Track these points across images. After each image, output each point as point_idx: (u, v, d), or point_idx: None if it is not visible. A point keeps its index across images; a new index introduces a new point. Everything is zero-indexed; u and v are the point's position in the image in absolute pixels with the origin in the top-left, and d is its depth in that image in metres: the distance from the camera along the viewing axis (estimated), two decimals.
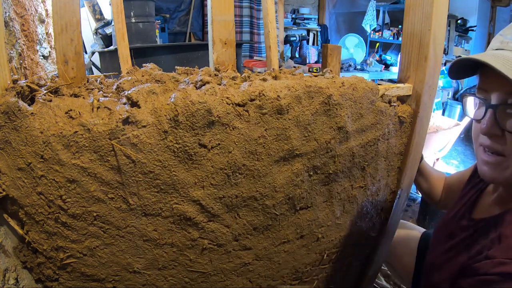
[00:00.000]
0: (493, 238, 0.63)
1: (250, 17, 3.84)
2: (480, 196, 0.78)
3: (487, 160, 0.63)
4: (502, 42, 0.62)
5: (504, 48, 0.61)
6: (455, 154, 3.70)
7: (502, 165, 0.61)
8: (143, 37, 2.13)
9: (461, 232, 0.74)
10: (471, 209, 0.78)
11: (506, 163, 0.61)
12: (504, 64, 0.56)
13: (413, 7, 0.76)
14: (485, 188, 0.78)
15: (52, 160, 0.54)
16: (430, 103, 0.80)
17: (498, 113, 0.60)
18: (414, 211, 2.07)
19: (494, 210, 0.70)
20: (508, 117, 0.59)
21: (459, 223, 0.77)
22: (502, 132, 0.60)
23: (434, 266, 0.77)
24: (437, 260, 0.78)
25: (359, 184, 0.82)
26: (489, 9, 5.27)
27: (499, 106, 0.59)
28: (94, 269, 0.64)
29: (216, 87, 0.59)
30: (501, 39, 0.63)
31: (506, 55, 0.58)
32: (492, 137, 0.62)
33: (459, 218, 0.79)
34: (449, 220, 0.83)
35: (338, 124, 0.69)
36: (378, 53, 4.37)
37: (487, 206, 0.74)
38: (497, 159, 0.62)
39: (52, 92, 0.59)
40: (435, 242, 0.85)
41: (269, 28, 0.76)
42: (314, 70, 2.95)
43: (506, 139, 0.59)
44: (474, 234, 0.70)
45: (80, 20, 0.63)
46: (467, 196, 0.82)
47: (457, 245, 0.73)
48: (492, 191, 0.75)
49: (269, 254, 0.77)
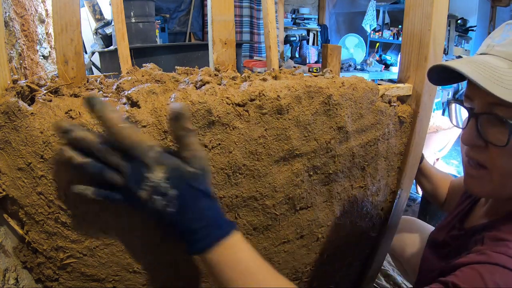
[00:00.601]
0: (476, 240, 0.61)
1: (250, 17, 3.84)
2: (473, 207, 0.78)
3: (471, 174, 0.61)
4: (488, 45, 0.59)
5: (488, 53, 0.57)
6: (455, 154, 3.70)
7: (485, 179, 0.58)
8: (143, 37, 2.13)
9: (452, 242, 0.74)
10: (463, 219, 0.77)
11: (488, 176, 0.58)
12: (482, 73, 0.52)
13: (413, 7, 0.76)
14: (479, 200, 0.78)
15: (52, 160, 0.54)
16: (430, 103, 0.80)
17: (480, 123, 0.56)
18: (414, 211, 2.07)
19: (484, 221, 0.70)
20: (490, 127, 0.55)
21: (449, 233, 0.77)
22: (486, 143, 0.56)
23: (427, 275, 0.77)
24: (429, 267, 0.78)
25: (359, 184, 0.82)
26: (489, 9, 5.27)
27: (480, 115, 0.56)
28: (94, 269, 0.64)
29: (216, 87, 0.60)
30: (488, 42, 0.59)
31: (487, 61, 0.54)
32: (473, 148, 0.58)
33: (451, 228, 0.78)
34: (443, 227, 0.83)
35: (338, 124, 0.69)
36: (378, 53, 4.37)
37: (478, 217, 0.73)
38: (480, 173, 0.59)
39: (52, 92, 0.59)
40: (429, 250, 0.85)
41: (269, 28, 0.76)
42: (314, 70, 2.95)
43: (489, 150, 0.56)
44: (462, 242, 0.69)
45: (80, 20, 0.63)
46: (462, 206, 0.82)
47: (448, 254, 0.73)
48: (484, 203, 0.74)
49: (269, 254, 0.77)
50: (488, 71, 0.52)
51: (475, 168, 0.60)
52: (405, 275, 1.24)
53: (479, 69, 0.52)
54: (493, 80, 0.51)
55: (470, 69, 0.52)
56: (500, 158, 0.54)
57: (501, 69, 0.52)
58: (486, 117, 0.55)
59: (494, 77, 0.51)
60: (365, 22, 4.36)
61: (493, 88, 0.50)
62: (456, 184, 1.03)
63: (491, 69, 0.52)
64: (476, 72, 0.52)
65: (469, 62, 0.54)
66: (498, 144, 0.53)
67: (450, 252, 0.72)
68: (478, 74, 0.51)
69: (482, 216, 0.72)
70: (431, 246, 0.83)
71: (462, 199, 0.84)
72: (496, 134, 0.54)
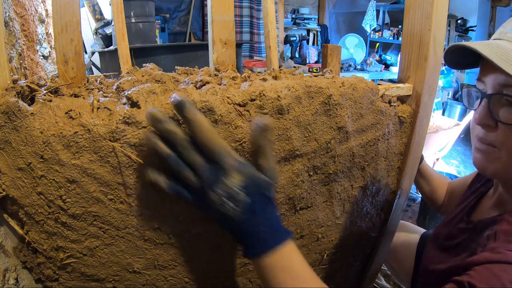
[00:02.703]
0: (488, 235, 0.63)
1: (250, 17, 3.84)
2: (481, 199, 0.78)
3: (479, 148, 0.64)
4: (501, 33, 0.63)
5: (502, 38, 0.61)
6: (455, 154, 3.70)
7: (492, 155, 0.62)
8: (143, 37, 2.13)
9: (459, 235, 0.74)
10: (470, 212, 0.77)
11: (496, 154, 0.61)
12: (495, 53, 0.56)
13: (413, 7, 0.76)
14: (486, 192, 0.78)
15: (52, 160, 0.54)
16: (430, 103, 0.80)
17: (491, 103, 0.60)
18: (414, 211, 2.07)
19: (493, 212, 0.70)
20: (501, 107, 0.59)
21: (457, 226, 0.77)
22: (496, 123, 0.60)
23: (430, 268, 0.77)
24: (433, 262, 0.78)
25: (359, 184, 0.82)
26: (489, 9, 5.27)
27: (492, 96, 0.60)
28: (94, 269, 0.64)
29: (216, 87, 0.60)
30: (501, 30, 0.63)
31: (501, 44, 0.58)
32: (485, 128, 0.62)
33: (458, 221, 0.78)
34: (447, 224, 0.83)
35: (338, 124, 0.69)
36: (378, 53, 4.37)
37: (487, 209, 0.74)
38: (488, 148, 0.62)
39: (52, 92, 0.59)
40: (432, 245, 0.85)
41: (269, 28, 0.76)
42: (314, 70, 2.95)
43: (498, 130, 0.60)
44: (471, 235, 0.69)
45: (80, 20, 0.63)
46: (468, 200, 0.82)
47: (455, 247, 0.73)
48: (493, 194, 0.75)
49: None
50: (502, 52, 0.56)
51: (485, 144, 0.63)
52: (397, 277, 1.24)
53: (493, 49, 0.57)
54: (505, 59, 0.55)
55: (486, 49, 0.57)
56: (509, 136, 0.59)
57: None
58: (497, 98, 0.59)
59: (508, 58, 0.55)
60: (365, 22, 4.36)
61: (506, 66, 0.54)
62: (454, 186, 1.03)
63: (504, 51, 0.56)
64: (491, 52, 0.56)
65: (484, 44, 0.58)
66: (507, 122, 0.58)
67: (459, 246, 0.71)
68: (492, 53, 0.56)
69: (491, 208, 0.72)
70: (435, 241, 0.83)
71: (467, 195, 0.84)
72: (506, 113, 0.58)
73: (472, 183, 0.87)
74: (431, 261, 0.79)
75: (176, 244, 0.67)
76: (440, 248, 0.79)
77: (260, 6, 3.75)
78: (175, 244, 0.67)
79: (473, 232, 0.69)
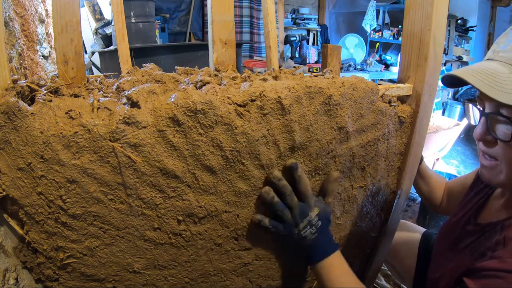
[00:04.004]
0: (497, 240, 0.63)
1: (250, 17, 3.84)
2: (487, 201, 0.78)
3: (484, 164, 0.68)
4: (494, 51, 0.64)
5: (494, 59, 0.63)
6: (455, 154, 3.71)
7: (496, 169, 0.65)
8: (143, 37, 2.13)
9: (467, 237, 0.74)
10: (477, 214, 0.77)
11: (499, 167, 0.64)
12: (484, 81, 0.59)
13: (413, 7, 0.76)
14: (492, 193, 0.78)
15: (52, 160, 0.54)
16: (430, 103, 0.80)
17: (489, 121, 0.63)
18: (414, 211, 2.07)
19: (501, 215, 0.70)
20: (498, 125, 0.62)
21: (464, 228, 0.77)
22: (495, 139, 0.63)
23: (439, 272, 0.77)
24: (442, 266, 0.78)
25: (359, 184, 0.82)
26: (489, 9, 5.27)
27: (489, 114, 0.63)
28: (94, 269, 0.64)
29: (216, 87, 0.59)
30: (494, 48, 0.65)
31: (492, 68, 0.60)
32: (486, 144, 0.66)
33: (465, 223, 0.78)
34: (453, 225, 0.83)
35: (338, 124, 0.69)
36: (378, 53, 4.37)
37: (494, 211, 0.74)
38: (492, 164, 0.65)
39: (52, 92, 0.59)
40: (439, 248, 0.85)
41: (269, 28, 0.76)
42: (314, 70, 2.95)
43: (498, 145, 0.63)
44: (479, 238, 0.70)
45: (80, 20, 0.63)
46: (473, 201, 0.81)
47: (463, 250, 0.73)
48: (500, 195, 0.75)
49: (269, 254, 0.77)
50: (491, 78, 0.59)
51: (488, 159, 0.67)
52: (398, 277, 1.24)
53: (483, 77, 0.59)
54: (494, 86, 0.58)
55: (474, 78, 0.60)
56: (508, 151, 0.62)
57: (503, 75, 0.58)
58: (494, 117, 0.62)
59: (496, 83, 0.58)
60: (365, 22, 4.36)
61: (495, 94, 0.57)
62: (451, 186, 1.03)
63: (493, 76, 0.59)
64: (479, 81, 0.59)
65: (474, 70, 0.61)
66: (504, 139, 0.61)
67: (467, 248, 0.72)
68: (481, 83, 0.59)
69: (499, 210, 0.72)
70: (444, 239, 0.84)
71: (471, 195, 0.84)
72: (503, 131, 0.61)
73: (474, 183, 0.87)
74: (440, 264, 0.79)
75: (176, 244, 0.67)
76: (448, 250, 0.78)
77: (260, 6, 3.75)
78: (175, 244, 0.67)
79: (481, 235, 0.70)
